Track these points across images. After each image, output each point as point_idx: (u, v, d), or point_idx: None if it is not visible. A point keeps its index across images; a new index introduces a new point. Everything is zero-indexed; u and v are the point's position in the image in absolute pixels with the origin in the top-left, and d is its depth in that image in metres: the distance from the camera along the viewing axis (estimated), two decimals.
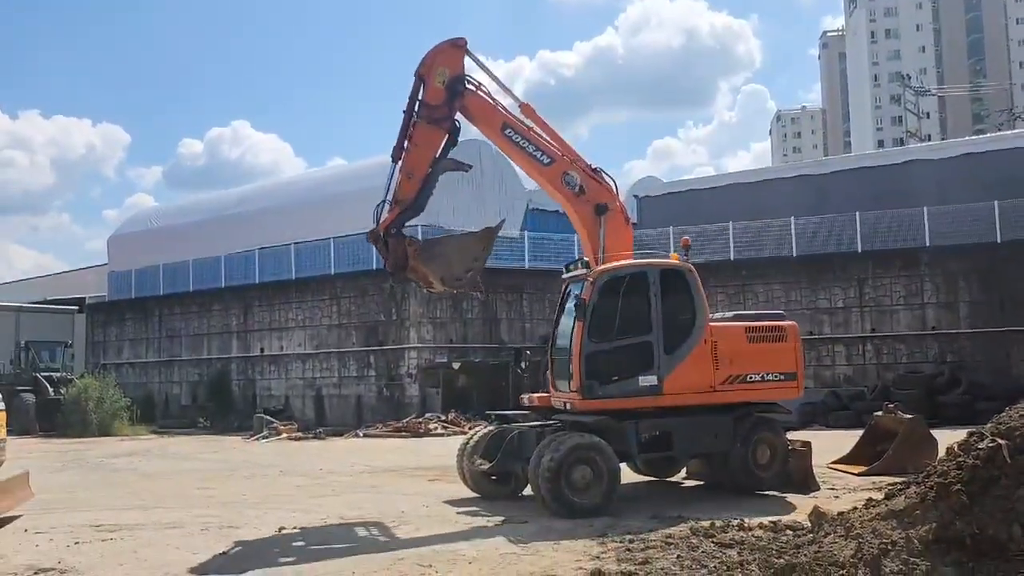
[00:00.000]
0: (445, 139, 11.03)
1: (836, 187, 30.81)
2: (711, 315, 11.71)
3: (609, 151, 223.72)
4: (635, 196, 33.89)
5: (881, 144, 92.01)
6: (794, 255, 27.23)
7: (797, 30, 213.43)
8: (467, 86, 11.12)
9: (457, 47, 11.16)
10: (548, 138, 11.60)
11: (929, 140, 64.90)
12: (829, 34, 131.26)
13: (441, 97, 10.91)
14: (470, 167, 11.42)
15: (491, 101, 11.36)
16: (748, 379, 11.47)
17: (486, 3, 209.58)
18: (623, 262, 11.36)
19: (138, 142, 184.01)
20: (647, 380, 10.97)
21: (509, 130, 11.38)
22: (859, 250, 26.53)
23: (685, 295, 11.31)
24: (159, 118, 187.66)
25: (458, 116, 11.15)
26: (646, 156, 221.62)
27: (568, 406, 11.21)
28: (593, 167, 11.81)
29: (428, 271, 10.98)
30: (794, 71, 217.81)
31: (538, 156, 11.47)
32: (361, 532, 9.64)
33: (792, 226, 27.43)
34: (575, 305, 11.21)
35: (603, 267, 11.23)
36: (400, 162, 10.99)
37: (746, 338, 11.61)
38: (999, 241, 25.11)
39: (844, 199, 28.70)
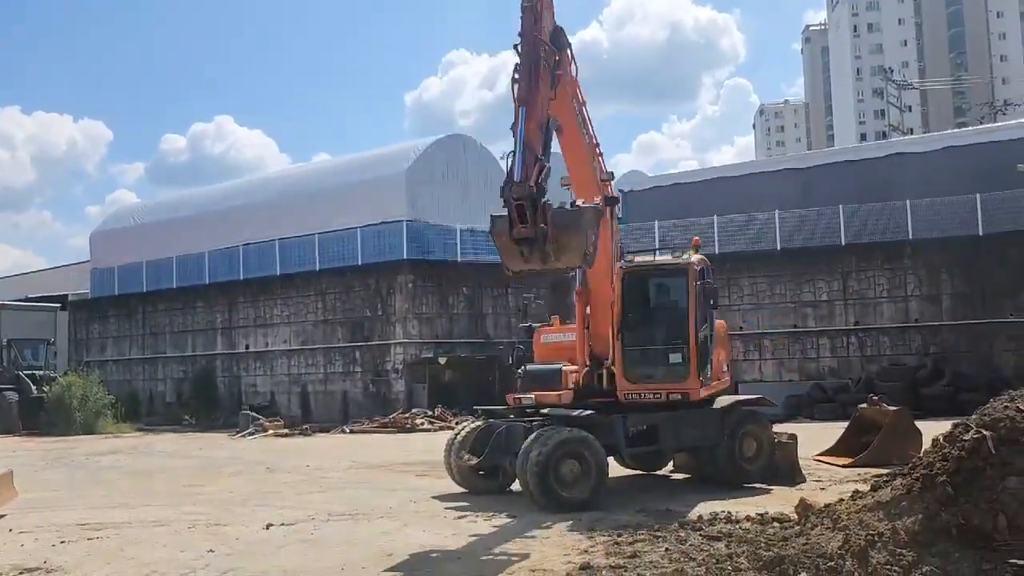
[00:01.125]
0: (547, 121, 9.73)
1: (820, 181, 30.92)
2: None
3: None
4: (620, 191, 33.86)
5: (864, 138, 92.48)
6: (778, 248, 27.34)
7: (779, 24, 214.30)
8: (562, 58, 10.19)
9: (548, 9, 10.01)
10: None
11: (911, 133, 65.24)
12: (812, 28, 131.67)
13: (550, 43, 9.86)
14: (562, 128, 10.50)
15: (574, 60, 10.72)
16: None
17: None
18: (696, 255, 11.88)
19: (120, 138, 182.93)
20: (710, 370, 11.76)
21: (575, 99, 10.96)
22: (843, 243, 26.67)
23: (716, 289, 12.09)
24: (141, 113, 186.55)
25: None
26: (631, 150, 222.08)
27: (667, 397, 11.35)
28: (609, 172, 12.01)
29: (574, 242, 8.99)
30: (777, 65, 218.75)
31: (586, 132, 11.24)
32: (349, 528, 9.63)
33: (776, 220, 27.54)
34: (686, 293, 11.47)
35: (695, 257, 11.81)
36: (529, 108, 9.27)
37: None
38: (981, 234, 25.30)
39: (828, 193, 28.82)
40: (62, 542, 9.06)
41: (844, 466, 13.24)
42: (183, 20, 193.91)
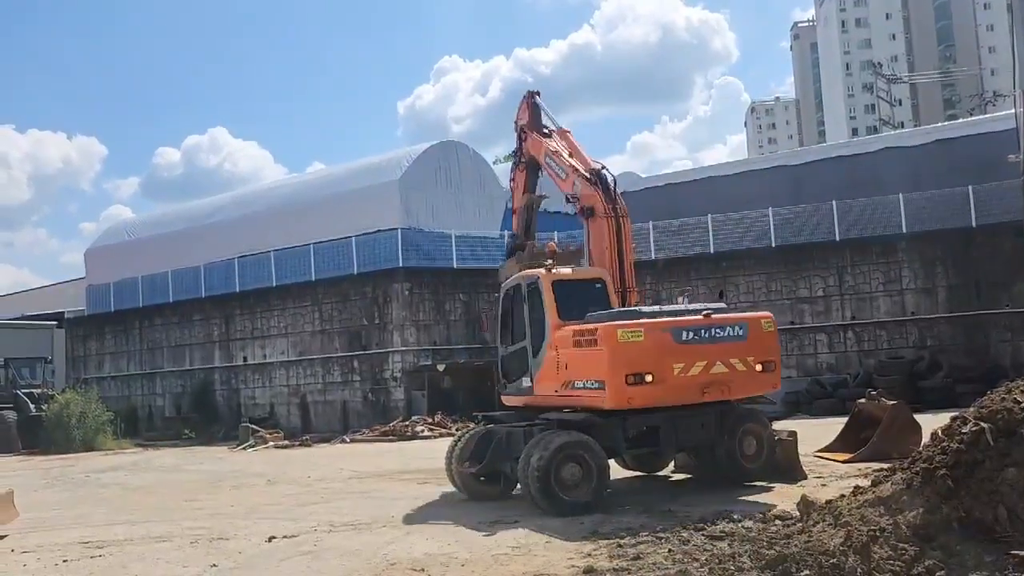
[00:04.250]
0: (525, 176, 13.83)
1: (812, 177, 31.06)
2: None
3: (588, 147, 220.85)
4: None
5: (855, 132, 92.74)
6: (773, 245, 27.38)
7: (767, 22, 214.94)
8: (527, 131, 13.83)
9: (525, 100, 14.09)
10: (565, 153, 13.24)
11: (902, 127, 65.46)
12: (800, 25, 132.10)
13: (518, 143, 14.08)
14: (546, 197, 13.85)
15: (537, 138, 13.66)
16: (575, 386, 10.83)
17: (461, 5, 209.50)
18: (514, 275, 12.53)
19: (114, 153, 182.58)
20: (527, 382, 11.85)
21: (547, 157, 13.40)
22: (837, 238, 26.73)
23: (539, 302, 11.59)
24: (135, 128, 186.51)
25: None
26: (625, 151, 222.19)
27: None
28: (596, 168, 12.65)
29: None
30: (766, 63, 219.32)
31: (559, 172, 13.15)
32: (352, 538, 9.62)
33: (770, 217, 27.60)
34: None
35: (504, 281, 12.85)
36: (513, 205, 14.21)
37: (572, 343, 10.87)
38: (974, 225, 25.38)
39: (820, 188, 28.93)
40: (65, 561, 9.04)
41: (844, 462, 13.24)
42: (175, 32, 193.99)
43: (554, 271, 11.70)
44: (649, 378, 10.17)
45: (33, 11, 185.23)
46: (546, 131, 13.86)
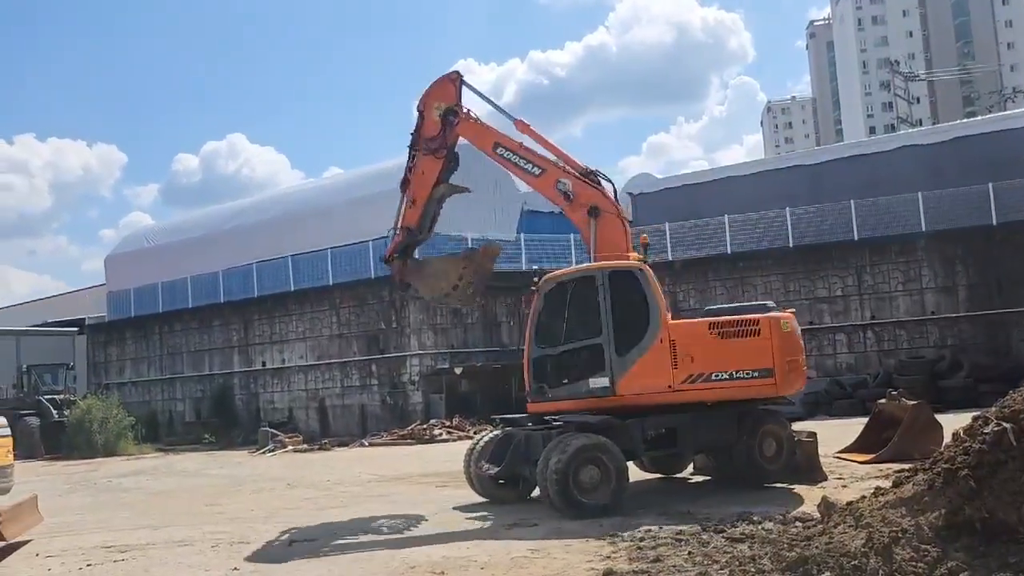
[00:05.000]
0: (442, 165, 12.13)
1: (830, 176, 30.88)
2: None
3: (604, 149, 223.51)
4: (629, 194, 33.89)
5: (872, 131, 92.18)
6: (791, 245, 27.26)
7: (783, 21, 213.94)
8: (460, 114, 12.10)
9: (451, 81, 12.23)
10: (542, 149, 12.19)
11: (920, 125, 64.98)
12: (816, 23, 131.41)
13: (437, 128, 12.03)
14: (468, 190, 12.75)
15: (481, 125, 12.31)
16: (713, 377, 10.96)
17: (475, 8, 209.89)
18: (569, 268, 12.19)
19: (134, 160, 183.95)
20: (598, 382, 10.91)
21: (500, 148, 12.15)
22: (855, 238, 26.59)
23: (637, 295, 11.15)
24: (154, 135, 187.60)
25: (462, 140, 12.29)
26: (641, 152, 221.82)
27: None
28: (588, 170, 11.95)
29: (418, 288, 12.93)
30: (782, 62, 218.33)
31: (529, 168, 12.07)
32: (372, 541, 9.65)
33: (788, 217, 27.49)
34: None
35: (550, 275, 11.81)
36: (404, 192, 12.33)
37: (709, 335, 11.18)
38: (994, 224, 25.18)
39: (838, 187, 28.76)
40: (88, 565, 9.12)
41: (865, 463, 13.16)
42: (192, 40, 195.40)
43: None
44: (798, 365, 11.49)
45: (53, 22, 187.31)
46: (472, 118, 12.34)
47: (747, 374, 10.97)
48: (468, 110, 12.24)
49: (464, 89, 12.26)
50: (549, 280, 11.65)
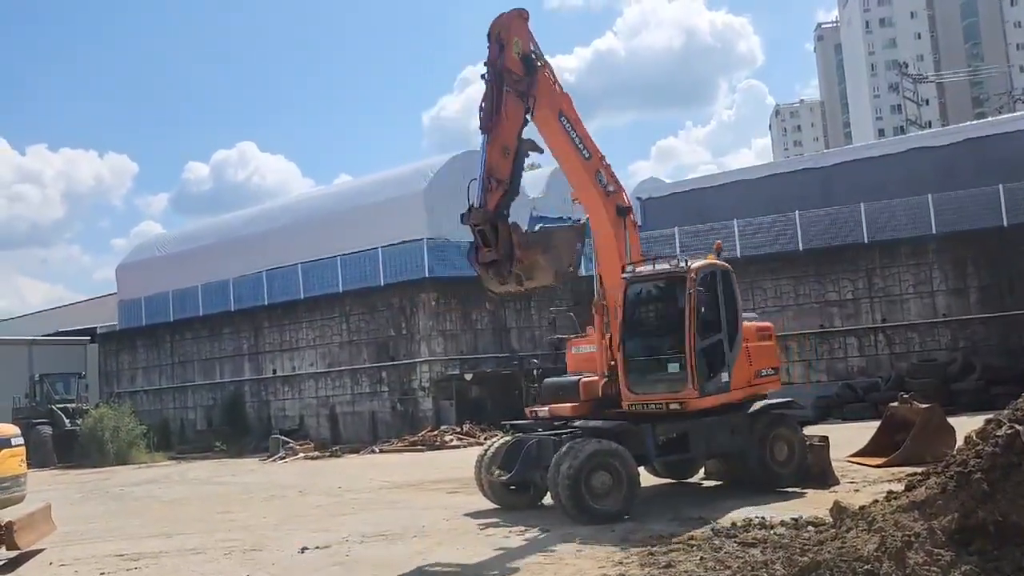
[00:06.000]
0: (523, 112, 10.31)
1: (839, 179, 30.77)
2: None
3: (613, 153, 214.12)
4: (638, 198, 33.79)
5: (881, 133, 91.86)
6: (801, 249, 27.18)
7: (791, 24, 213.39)
8: (542, 60, 10.66)
9: (523, 19, 10.67)
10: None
11: (929, 127, 64.76)
12: (824, 26, 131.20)
13: (520, 68, 10.37)
14: (541, 150, 10.80)
15: (556, 81, 11.02)
16: (761, 375, 12.02)
17: (484, 13, 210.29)
18: (704, 260, 11.71)
19: (145, 170, 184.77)
20: (724, 377, 11.34)
21: (563, 117, 11.05)
22: (866, 241, 26.48)
23: (731, 294, 11.74)
24: (165, 144, 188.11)
25: None
26: (650, 157, 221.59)
27: (667, 407, 11.00)
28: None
29: (542, 261, 9.95)
30: (790, 65, 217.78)
31: (581, 149, 11.28)
32: (383, 549, 9.66)
33: (797, 220, 27.39)
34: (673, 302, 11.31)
35: (698, 264, 11.42)
36: (492, 134, 9.99)
37: (757, 337, 12.16)
38: (1005, 225, 25.05)
39: (848, 190, 28.65)
40: (102, 573, 9.16)
41: (877, 466, 13.11)
42: (202, 49, 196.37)
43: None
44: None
45: (64, 34, 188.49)
46: (549, 70, 10.83)
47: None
48: (546, 60, 10.70)
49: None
50: (700, 268, 11.36)
